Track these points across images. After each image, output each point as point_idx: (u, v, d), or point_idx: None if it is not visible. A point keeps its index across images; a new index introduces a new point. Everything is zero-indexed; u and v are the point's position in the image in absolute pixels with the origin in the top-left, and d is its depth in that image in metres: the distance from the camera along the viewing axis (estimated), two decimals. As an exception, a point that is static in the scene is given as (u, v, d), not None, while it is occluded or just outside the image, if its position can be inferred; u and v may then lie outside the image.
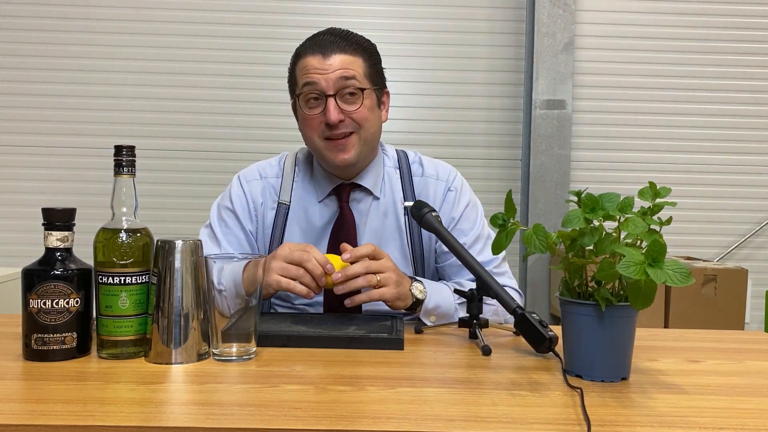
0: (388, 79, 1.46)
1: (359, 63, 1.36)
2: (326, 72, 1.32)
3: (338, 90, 1.33)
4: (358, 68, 1.36)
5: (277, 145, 3.24)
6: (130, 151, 1.00)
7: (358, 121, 1.35)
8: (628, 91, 3.38)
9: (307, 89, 1.34)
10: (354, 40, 1.38)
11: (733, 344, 1.21)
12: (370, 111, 1.37)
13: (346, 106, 1.34)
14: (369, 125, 1.37)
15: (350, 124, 1.34)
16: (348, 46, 1.36)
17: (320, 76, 1.32)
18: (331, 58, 1.33)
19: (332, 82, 1.32)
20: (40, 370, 0.91)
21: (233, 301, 0.98)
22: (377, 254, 1.22)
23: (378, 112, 1.42)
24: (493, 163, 3.40)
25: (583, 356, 0.92)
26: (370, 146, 1.41)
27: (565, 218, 0.92)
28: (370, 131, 1.38)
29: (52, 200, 3.23)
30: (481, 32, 3.36)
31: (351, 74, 1.33)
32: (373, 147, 1.43)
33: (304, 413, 0.75)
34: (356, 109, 1.34)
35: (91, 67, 3.28)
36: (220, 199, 1.49)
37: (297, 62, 1.38)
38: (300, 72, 1.36)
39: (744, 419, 0.77)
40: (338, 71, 1.32)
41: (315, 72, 1.33)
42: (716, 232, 3.43)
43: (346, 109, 1.34)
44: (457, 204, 1.47)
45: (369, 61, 1.39)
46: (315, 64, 1.33)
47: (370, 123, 1.38)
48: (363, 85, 1.35)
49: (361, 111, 1.35)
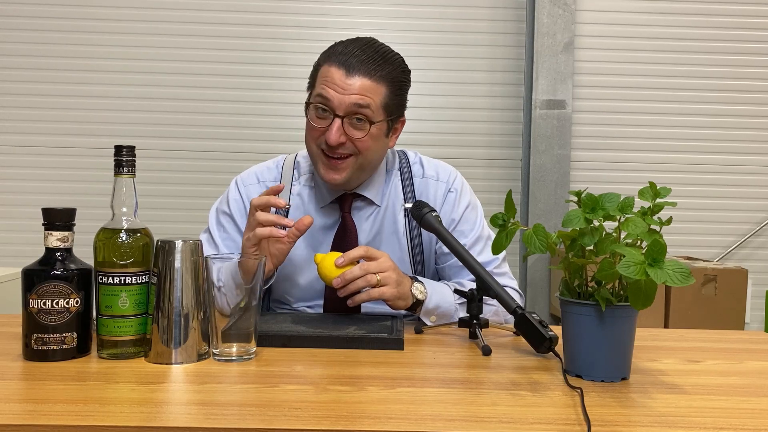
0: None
1: (380, 92, 1.30)
2: (343, 92, 1.27)
3: (348, 113, 1.28)
4: (377, 97, 1.30)
5: (277, 145, 3.24)
6: (130, 151, 1.00)
7: (359, 148, 1.31)
8: (628, 91, 3.38)
9: (318, 100, 1.30)
10: (383, 65, 1.30)
11: (733, 344, 1.21)
12: (374, 140, 1.33)
13: (352, 130, 1.30)
14: (369, 153, 1.34)
15: (350, 147, 1.31)
16: (375, 70, 1.29)
17: (335, 94, 1.28)
18: (352, 78, 1.28)
19: (345, 105, 1.27)
20: (40, 370, 0.91)
21: (233, 294, 0.98)
22: (372, 254, 1.22)
23: (384, 140, 1.37)
24: (493, 163, 3.40)
25: (583, 356, 0.92)
26: (367, 171, 1.38)
27: (565, 218, 0.92)
28: (368, 158, 1.34)
29: (52, 200, 3.23)
30: (481, 32, 3.36)
31: (366, 103, 1.28)
32: (371, 171, 1.40)
33: (304, 413, 0.75)
34: (361, 137, 1.30)
35: (91, 67, 3.27)
36: (218, 204, 1.48)
37: (321, 65, 1.33)
38: (319, 78, 1.32)
39: (744, 419, 0.77)
40: (354, 96, 1.27)
41: (332, 87, 1.28)
42: (716, 232, 3.43)
43: (351, 134, 1.30)
44: (457, 205, 1.46)
45: (392, 90, 1.32)
46: (335, 78, 1.28)
47: (371, 151, 1.34)
48: (374, 117, 1.30)
49: (364, 140, 1.31)
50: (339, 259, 1.20)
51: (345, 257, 1.20)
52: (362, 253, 1.21)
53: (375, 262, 1.21)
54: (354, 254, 1.20)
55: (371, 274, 1.19)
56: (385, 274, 1.21)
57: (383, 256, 1.23)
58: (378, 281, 1.20)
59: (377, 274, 1.20)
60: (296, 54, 3.29)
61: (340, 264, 1.19)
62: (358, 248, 1.22)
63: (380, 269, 1.20)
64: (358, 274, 1.19)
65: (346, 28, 3.29)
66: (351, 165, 1.33)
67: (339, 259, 1.20)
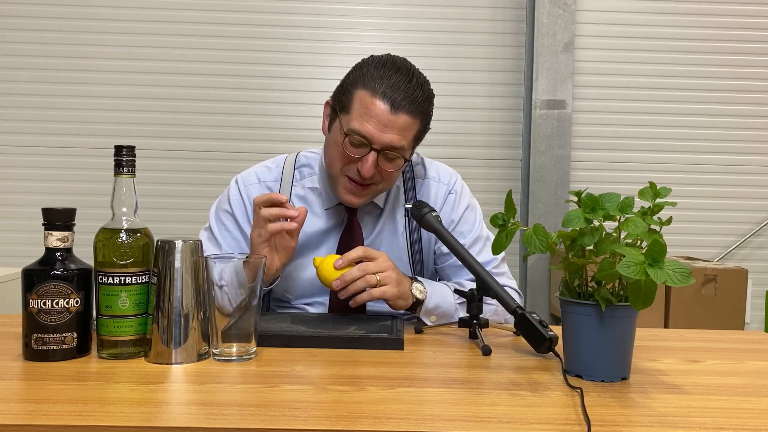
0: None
1: (415, 127, 1.31)
2: (385, 131, 1.26)
3: (384, 149, 1.29)
4: (411, 134, 1.31)
5: (278, 145, 3.24)
6: (130, 151, 1.00)
7: (384, 178, 1.34)
8: (628, 91, 3.38)
9: (356, 135, 1.27)
10: (423, 98, 1.30)
11: (733, 344, 1.21)
12: (398, 171, 1.36)
13: (383, 163, 1.30)
14: (390, 181, 1.38)
15: (376, 178, 1.32)
16: (416, 108, 1.29)
17: (377, 132, 1.26)
18: (397, 116, 1.26)
19: (384, 142, 1.27)
20: (40, 370, 0.91)
21: (235, 293, 0.98)
22: (370, 255, 1.22)
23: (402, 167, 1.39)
24: (493, 163, 3.40)
25: (583, 356, 0.92)
26: (381, 193, 1.41)
27: (565, 218, 0.92)
28: (388, 185, 1.39)
29: (52, 200, 3.23)
30: (481, 32, 3.36)
31: (402, 144, 1.29)
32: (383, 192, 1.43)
33: (304, 413, 0.75)
34: (390, 169, 1.32)
35: (91, 67, 3.27)
36: (219, 203, 1.48)
37: (362, 89, 1.28)
38: (360, 106, 1.28)
39: (744, 419, 0.77)
40: (395, 137, 1.27)
41: (375, 125, 1.26)
42: (716, 232, 3.43)
43: (381, 165, 1.30)
44: (457, 206, 1.47)
45: (424, 123, 1.34)
46: (379, 113, 1.26)
47: (392, 180, 1.38)
48: (406, 155, 1.33)
49: (392, 172, 1.34)
50: (338, 261, 1.20)
51: (344, 259, 1.20)
52: (361, 254, 1.21)
53: (374, 262, 1.21)
54: (352, 255, 1.20)
55: (370, 274, 1.19)
56: (385, 274, 1.21)
57: (382, 256, 1.23)
58: (378, 281, 1.20)
59: (377, 273, 1.20)
60: (296, 54, 3.29)
61: (339, 266, 1.19)
62: (357, 249, 1.22)
63: (379, 269, 1.20)
64: (357, 275, 1.19)
65: (346, 29, 3.30)
66: (372, 192, 1.36)
67: (338, 261, 1.20)
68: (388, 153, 1.29)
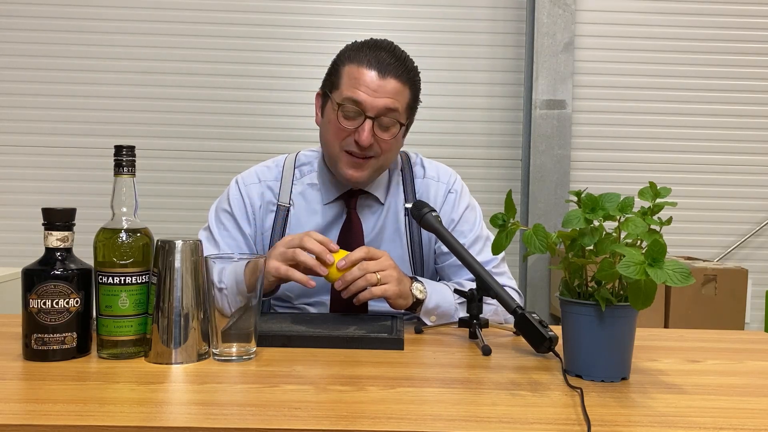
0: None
1: (406, 94, 1.35)
2: (376, 95, 1.30)
3: (378, 115, 1.31)
4: (404, 100, 1.34)
5: (278, 145, 3.24)
6: (130, 151, 1.00)
7: (383, 149, 1.35)
8: (628, 91, 3.38)
9: (349, 103, 1.31)
10: (409, 67, 1.35)
11: (733, 344, 1.21)
12: (395, 141, 1.37)
13: (380, 132, 1.32)
14: (390, 154, 1.39)
15: (375, 148, 1.33)
16: (404, 74, 1.33)
17: (368, 98, 1.30)
18: (386, 80, 1.30)
19: (377, 107, 1.30)
20: (40, 370, 0.91)
21: (234, 299, 0.98)
22: (373, 255, 1.22)
23: (401, 141, 1.42)
24: (493, 163, 3.40)
25: (583, 356, 0.92)
26: (383, 170, 1.42)
27: (565, 218, 0.92)
28: (388, 159, 1.39)
29: (52, 200, 3.23)
30: (481, 32, 3.36)
31: (396, 106, 1.32)
32: (385, 170, 1.44)
33: (304, 413, 0.75)
34: (388, 138, 1.34)
35: (91, 67, 3.27)
36: (218, 203, 1.49)
37: (348, 64, 1.33)
38: (349, 78, 1.32)
39: (744, 419, 0.77)
40: (387, 99, 1.30)
41: (366, 90, 1.30)
42: (716, 232, 3.43)
43: (378, 135, 1.32)
44: (457, 206, 1.47)
45: (413, 93, 1.38)
46: (368, 80, 1.30)
47: (392, 152, 1.39)
48: (401, 120, 1.35)
49: (390, 141, 1.35)
50: (340, 262, 1.20)
51: (346, 260, 1.20)
52: (363, 255, 1.21)
53: (375, 261, 1.21)
54: (355, 256, 1.20)
55: (371, 273, 1.19)
56: (386, 273, 1.21)
57: (383, 255, 1.23)
58: (378, 280, 1.20)
59: (377, 272, 1.20)
60: (297, 54, 3.29)
61: (341, 267, 1.20)
62: (359, 250, 1.22)
63: (380, 268, 1.21)
64: (357, 274, 1.19)
65: (346, 28, 3.29)
66: (372, 165, 1.36)
67: (341, 261, 1.20)
68: (382, 119, 1.32)
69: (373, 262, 1.21)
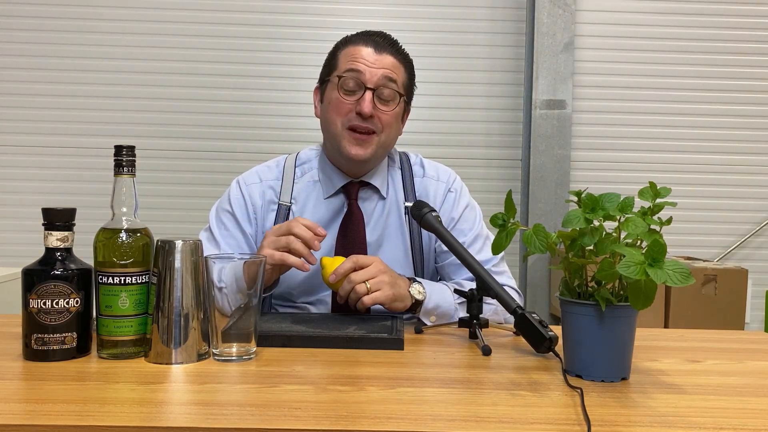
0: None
1: (402, 71, 1.41)
2: (374, 66, 1.36)
3: (378, 86, 1.35)
4: (401, 76, 1.40)
5: (278, 145, 3.24)
6: (130, 151, 1.00)
7: (383, 124, 1.37)
8: (628, 91, 3.38)
9: (350, 75, 1.35)
10: (402, 50, 1.43)
11: (733, 344, 1.21)
12: (395, 119, 1.40)
13: (380, 105, 1.36)
14: (390, 131, 1.41)
15: (376, 123, 1.36)
16: (399, 51, 1.41)
17: (367, 68, 1.35)
18: (382, 55, 1.37)
19: (377, 77, 1.35)
20: (40, 370, 0.91)
21: (234, 297, 0.98)
22: (361, 264, 1.23)
23: (399, 123, 1.45)
24: (493, 163, 3.40)
25: (583, 356, 0.92)
26: (384, 151, 1.43)
27: (565, 218, 0.92)
28: (389, 137, 1.41)
29: (52, 200, 3.23)
30: (481, 32, 3.36)
31: (394, 77, 1.37)
32: (386, 153, 1.46)
33: (304, 413, 0.75)
34: (387, 111, 1.37)
35: (91, 67, 3.27)
36: (219, 203, 1.49)
37: (344, 48, 1.41)
38: (346, 57, 1.38)
39: (744, 419, 0.77)
40: (385, 70, 1.36)
41: (363, 62, 1.36)
42: (716, 232, 3.43)
43: (379, 108, 1.36)
44: (457, 205, 1.48)
45: (408, 74, 1.44)
46: (365, 55, 1.36)
47: (392, 129, 1.41)
48: (400, 91, 1.39)
49: (390, 115, 1.38)
50: (332, 276, 1.22)
51: (336, 273, 1.21)
52: (350, 267, 1.22)
53: (362, 271, 1.22)
54: (342, 270, 1.22)
55: (360, 283, 1.20)
56: (375, 280, 1.21)
57: (373, 262, 1.24)
58: (368, 289, 1.20)
59: (367, 282, 1.21)
60: (297, 54, 3.29)
61: (332, 281, 1.22)
62: (347, 261, 1.23)
63: (368, 276, 1.21)
64: (347, 288, 1.21)
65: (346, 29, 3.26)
66: (375, 142, 1.38)
67: (332, 276, 1.22)
68: (382, 91, 1.36)
69: (361, 272, 1.21)
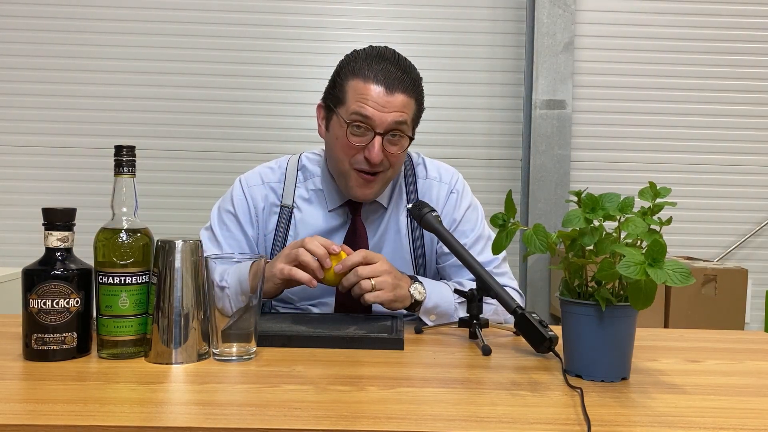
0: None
1: (412, 106, 1.33)
2: (385, 111, 1.28)
3: (387, 131, 1.30)
4: (410, 113, 1.33)
5: (278, 145, 3.24)
6: (130, 151, 1.00)
7: (392, 163, 1.35)
8: (628, 91, 3.38)
9: (356, 119, 1.29)
10: (413, 76, 1.33)
11: (733, 344, 1.21)
12: (403, 154, 1.37)
13: (389, 146, 1.32)
14: (398, 167, 1.39)
15: (384, 163, 1.33)
16: (409, 85, 1.31)
17: (377, 113, 1.28)
18: (394, 96, 1.29)
19: (386, 123, 1.29)
20: (40, 370, 0.91)
21: (236, 299, 0.98)
22: (369, 259, 1.23)
23: (406, 153, 1.42)
24: (493, 163, 3.40)
25: (583, 356, 0.92)
26: (390, 182, 1.42)
27: (565, 218, 0.92)
28: (396, 172, 1.39)
29: (52, 200, 3.23)
30: (481, 32, 3.36)
31: (404, 119, 1.31)
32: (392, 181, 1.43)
33: (304, 413, 0.75)
34: (397, 152, 1.34)
35: (91, 67, 3.27)
36: (221, 202, 1.48)
37: (353, 79, 1.31)
38: (355, 93, 1.30)
39: (744, 419, 0.77)
40: (396, 114, 1.29)
41: (374, 106, 1.28)
42: (716, 232, 3.43)
43: (387, 150, 1.32)
44: (459, 206, 1.48)
45: (418, 103, 1.36)
46: (375, 96, 1.28)
47: (400, 165, 1.39)
48: (409, 133, 1.34)
49: (399, 155, 1.35)
50: (338, 266, 1.21)
51: (343, 264, 1.21)
52: (359, 260, 1.22)
53: (369, 267, 1.21)
54: (351, 261, 1.21)
55: (365, 279, 1.20)
56: (380, 279, 1.21)
57: (380, 260, 1.24)
58: (373, 286, 1.20)
59: (372, 279, 1.20)
60: (297, 54, 3.29)
61: (339, 271, 1.21)
62: (357, 254, 1.22)
63: (374, 273, 1.21)
64: (353, 281, 1.21)
65: (346, 29, 3.30)
66: (381, 180, 1.36)
67: (338, 266, 1.21)
68: (392, 134, 1.31)
69: (368, 268, 1.21)
